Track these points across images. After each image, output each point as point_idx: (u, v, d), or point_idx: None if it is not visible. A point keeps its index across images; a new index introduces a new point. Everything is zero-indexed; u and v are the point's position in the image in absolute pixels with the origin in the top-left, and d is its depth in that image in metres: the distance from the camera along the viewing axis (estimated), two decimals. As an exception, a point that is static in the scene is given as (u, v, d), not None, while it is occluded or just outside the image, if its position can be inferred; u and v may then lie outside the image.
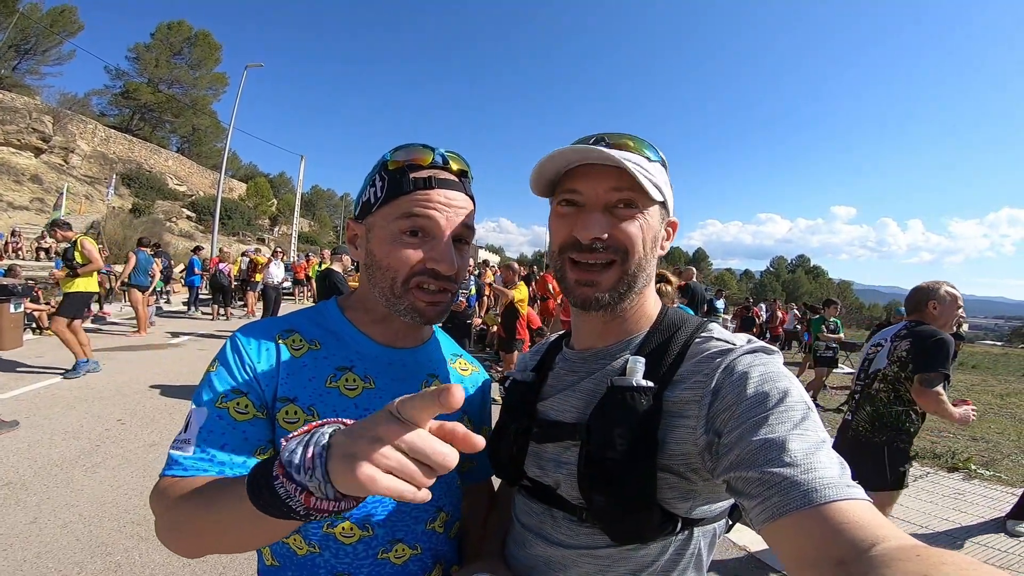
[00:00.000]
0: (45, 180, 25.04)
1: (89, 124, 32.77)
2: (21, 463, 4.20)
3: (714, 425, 0.73)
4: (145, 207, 29.61)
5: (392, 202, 0.91)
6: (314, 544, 0.88)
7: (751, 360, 0.76)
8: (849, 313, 42.37)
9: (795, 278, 78.39)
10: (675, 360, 0.83)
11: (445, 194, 0.92)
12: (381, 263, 0.92)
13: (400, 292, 0.92)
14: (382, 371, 0.97)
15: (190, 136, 44.87)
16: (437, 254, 0.90)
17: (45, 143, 26.12)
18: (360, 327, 1.00)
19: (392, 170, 0.92)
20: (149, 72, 39.33)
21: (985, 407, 9.99)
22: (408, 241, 0.90)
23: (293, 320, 0.99)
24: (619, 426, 0.78)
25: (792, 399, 0.69)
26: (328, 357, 0.94)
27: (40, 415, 5.37)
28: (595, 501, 0.80)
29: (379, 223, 0.93)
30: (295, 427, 0.85)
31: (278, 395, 0.88)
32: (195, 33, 41.63)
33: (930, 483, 5.41)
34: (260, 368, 0.89)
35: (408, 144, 0.95)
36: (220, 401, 0.85)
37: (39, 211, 22.46)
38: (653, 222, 0.88)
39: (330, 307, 1.04)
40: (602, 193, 0.85)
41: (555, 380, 0.99)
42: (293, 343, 0.94)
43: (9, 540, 3.14)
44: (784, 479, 0.60)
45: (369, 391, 0.94)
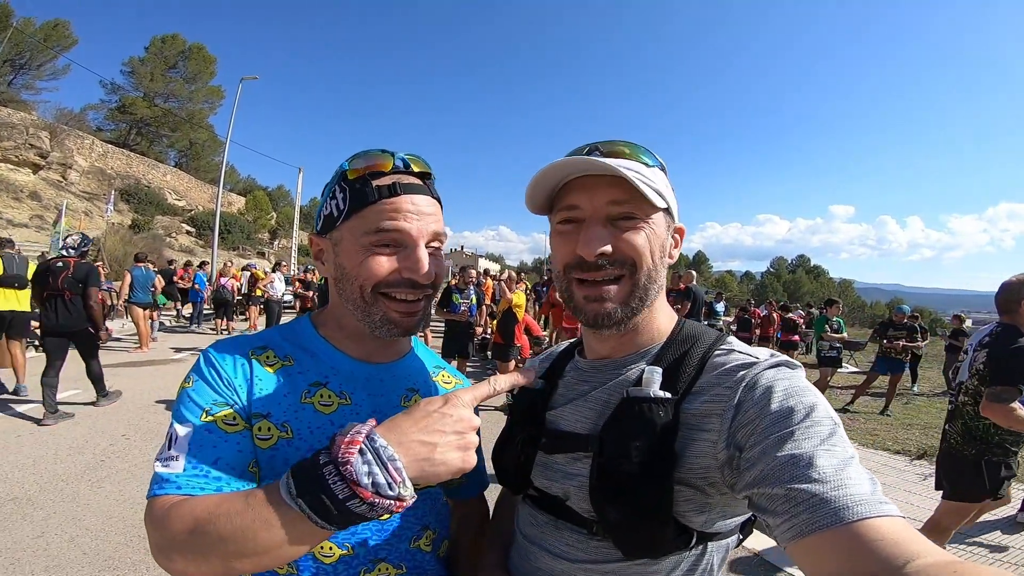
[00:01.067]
0: (44, 197, 25.06)
1: (86, 139, 32.81)
2: (27, 478, 4.19)
3: (735, 439, 0.71)
4: (144, 223, 29.64)
5: (358, 214, 0.88)
6: (293, 564, 0.85)
7: (774, 374, 0.74)
8: (851, 312, 42.40)
9: (796, 278, 78.56)
10: (694, 372, 0.81)
11: (412, 200, 0.89)
12: (351, 274, 0.89)
13: (370, 300, 0.89)
14: (359, 386, 0.95)
15: (187, 150, 44.91)
16: (412, 263, 0.88)
17: (43, 159, 26.16)
18: (334, 343, 0.98)
19: (352, 180, 0.89)
20: (144, 86, 39.37)
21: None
22: (380, 251, 0.88)
23: (266, 337, 0.97)
24: (635, 438, 0.76)
25: (818, 414, 0.67)
26: (302, 373, 0.92)
27: (45, 431, 5.38)
28: (609, 514, 0.77)
29: (346, 236, 0.90)
30: (268, 444, 0.84)
31: (252, 409, 0.86)
32: (189, 46, 41.70)
33: (940, 479, 5.37)
34: (236, 382, 0.87)
35: (366, 151, 0.92)
36: (206, 414, 0.82)
37: (39, 228, 22.47)
38: (659, 230, 0.85)
39: (303, 323, 1.01)
40: (602, 206, 0.83)
41: (566, 389, 0.97)
42: (267, 359, 0.92)
43: (16, 554, 3.13)
44: (813, 496, 0.58)
45: (345, 407, 0.92)
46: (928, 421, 8.10)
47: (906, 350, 8.90)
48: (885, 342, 8.94)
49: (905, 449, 6.38)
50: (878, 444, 6.63)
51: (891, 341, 8.86)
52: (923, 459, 6.02)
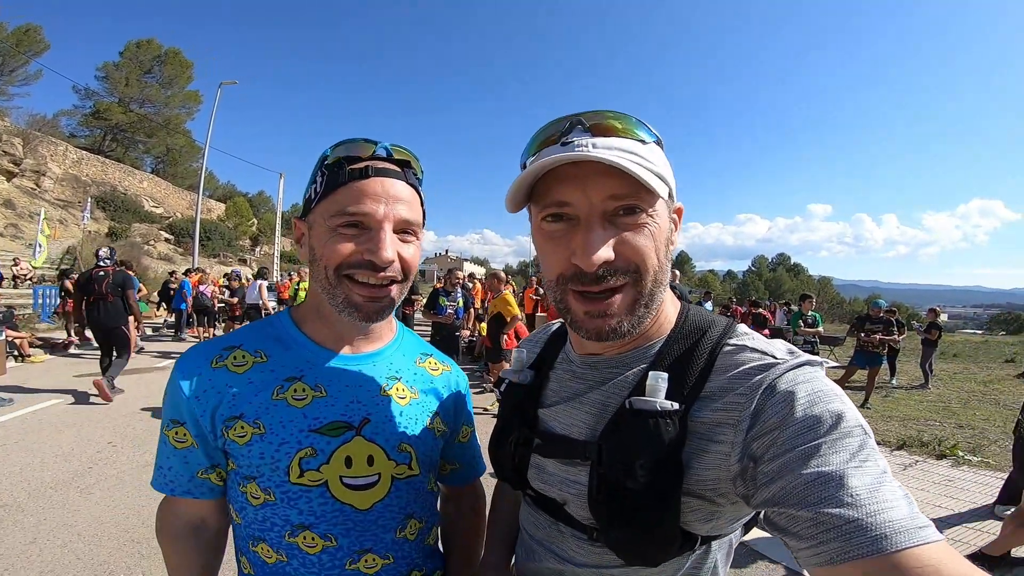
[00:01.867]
0: (18, 205, 24.54)
1: (60, 146, 32.13)
2: (15, 486, 4.15)
3: (750, 450, 0.65)
4: (122, 230, 29.07)
5: (329, 196, 0.88)
6: (281, 552, 0.89)
7: (795, 376, 0.66)
8: (831, 308, 42.96)
9: (777, 276, 79.51)
10: (702, 372, 0.73)
11: (383, 183, 0.88)
12: (318, 256, 0.90)
13: (334, 282, 0.88)
14: (335, 378, 0.95)
15: (164, 156, 44.08)
16: (372, 245, 0.86)
17: (16, 166, 25.61)
18: (311, 335, 0.98)
19: (330, 164, 0.90)
20: (119, 91, 38.56)
21: (969, 394, 10.23)
22: (344, 233, 0.87)
23: (239, 334, 0.98)
24: (639, 454, 0.68)
25: (847, 424, 0.60)
26: (275, 369, 0.93)
27: (30, 439, 5.30)
28: (611, 529, 0.73)
29: (318, 219, 0.90)
30: (244, 440, 0.88)
31: (223, 415, 0.89)
32: (165, 51, 40.86)
33: (920, 471, 5.53)
34: (194, 395, 0.89)
35: (350, 139, 0.91)
36: (165, 428, 0.93)
37: (14, 237, 22.03)
38: (663, 222, 0.74)
39: (281, 316, 1.02)
40: (599, 202, 0.70)
41: (558, 384, 0.90)
42: (235, 359, 0.93)
43: (10, 560, 3.12)
44: (846, 522, 0.53)
45: (319, 400, 0.92)
46: (907, 413, 8.30)
47: (883, 344, 9.07)
48: (863, 336, 9.09)
49: (885, 440, 6.53)
50: (859, 436, 6.75)
51: (868, 335, 9.02)
52: (902, 450, 6.19)
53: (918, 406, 9.02)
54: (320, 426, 0.90)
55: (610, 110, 0.74)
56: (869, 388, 8.92)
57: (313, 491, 0.88)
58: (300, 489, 0.88)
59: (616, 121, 0.73)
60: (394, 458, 0.95)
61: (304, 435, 0.89)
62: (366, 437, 0.92)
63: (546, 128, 0.77)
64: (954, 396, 10.12)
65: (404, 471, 0.96)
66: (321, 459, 0.89)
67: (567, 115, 0.75)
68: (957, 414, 8.34)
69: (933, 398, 9.87)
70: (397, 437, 0.96)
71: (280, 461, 0.87)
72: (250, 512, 0.91)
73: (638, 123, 0.74)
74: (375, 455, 0.93)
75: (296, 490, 0.88)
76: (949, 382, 11.87)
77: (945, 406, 9.04)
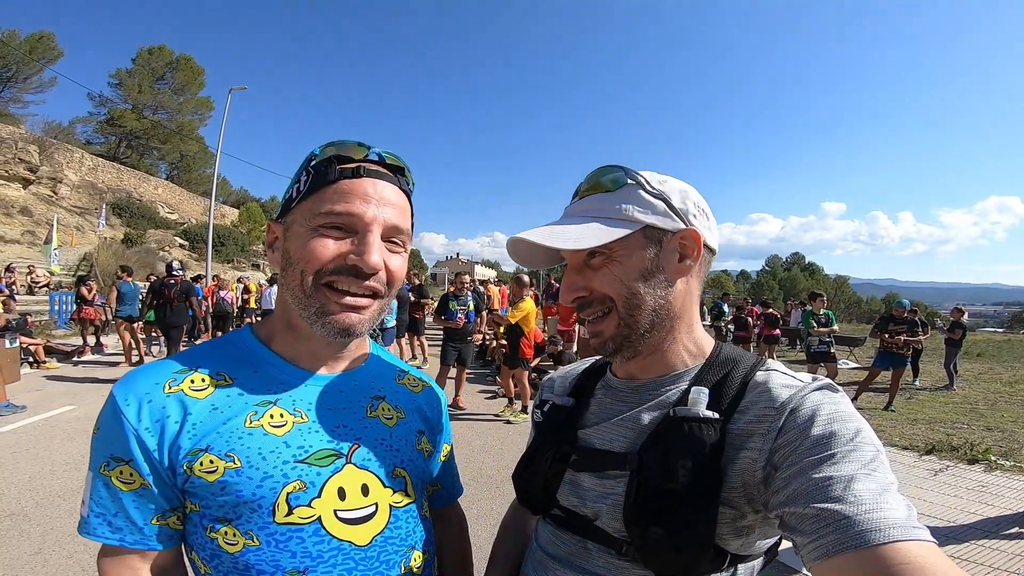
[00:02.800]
0: (35, 212, 24.82)
1: (76, 153, 32.50)
2: (23, 495, 4.12)
3: (773, 459, 0.70)
4: (137, 237, 29.35)
5: (313, 195, 0.80)
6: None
7: (819, 398, 0.73)
8: (848, 308, 42.48)
9: (791, 276, 78.56)
10: (737, 393, 0.79)
11: (375, 184, 0.81)
12: (294, 259, 0.81)
13: (310, 291, 0.79)
14: (315, 401, 0.85)
15: (178, 163, 44.63)
16: (359, 248, 0.78)
17: (33, 173, 25.87)
18: (282, 352, 0.87)
19: (318, 164, 0.82)
20: (133, 98, 39.00)
21: (996, 395, 9.99)
22: (327, 234, 0.79)
23: (195, 356, 0.85)
24: (682, 457, 0.74)
25: (862, 439, 0.66)
26: (243, 393, 0.81)
27: (40, 447, 5.29)
28: (649, 534, 0.74)
29: (298, 219, 0.82)
30: (214, 476, 0.75)
31: (183, 448, 0.75)
32: (176, 57, 41.31)
33: (952, 476, 5.34)
34: (145, 425, 0.75)
35: (341, 140, 0.84)
36: (103, 468, 0.76)
37: (31, 244, 22.27)
38: (635, 258, 0.82)
39: (242, 334, 0.90)
40: (569, 256, 0.87)
41: (599, 408, 0.94)
42: (192, 383, 0.79)
43: (15, 570, 3.08)
44: (844, 517, 0.57)
45: (301, 426, 0.81)
46: (933, 415, 8.09)
47: (907, 345, 8.87)
48: (886, 337, 8.90)
49: (913, 444, 6.35)
50: (884, 440, 6.56)
51: (892, 336, 8.83)
52: (931, 454, 5.98)
53: (944, 408, 8.80)
54: (307, 455, 0.80)
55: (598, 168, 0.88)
56: (893, 390, 8.73)
57: (305, 529, 0.77)
58: (290, 529, 0.76)
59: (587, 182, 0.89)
60: (389, 485, 0.87)
61: (290, 467, 0.78)
62: (357, 464, 0.84)
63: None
64: (980, 397, 9.88)
65: (401, 498, 0.88)
66: (312, 493, 0.78)
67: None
68: (985, 416, 8.13)
69: (959, 399, 9.64)
70: (390, 462, 0.88)
71: (264, 498, 0.76)
72: (226, 561, 0.77)
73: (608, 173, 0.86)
74: (369, 483, 0.84)
75: (285, 531, 0.76)
76: (974, 383, 11.60)
77: (972, 408, 8.82)
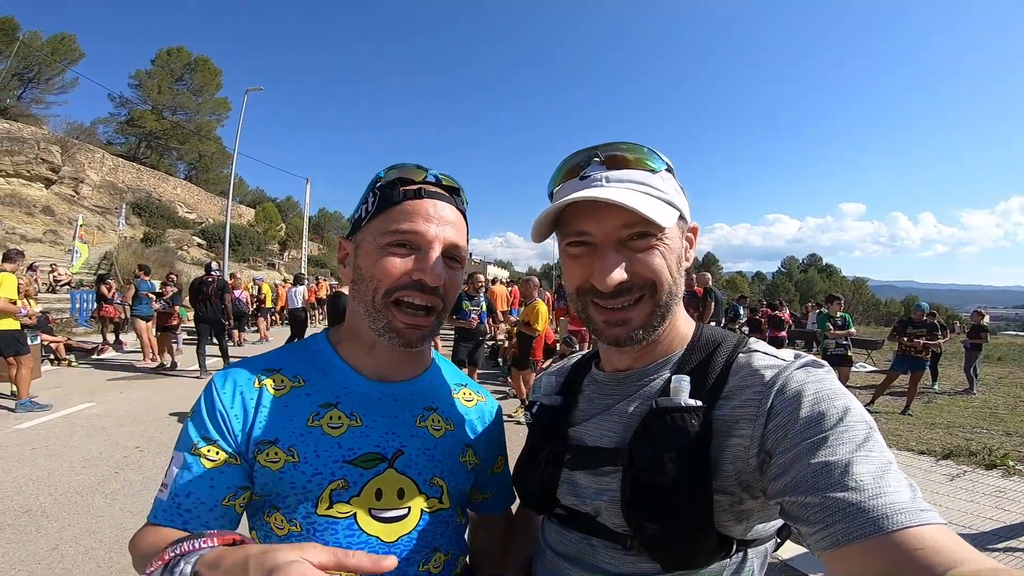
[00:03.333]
0: (57, 211, 25.27)
1: (97, 153, 33.07)
2: (41, 491, 4.19)
3: (765, 445, 0.69)
4: (156, 236, 29.81)
5: (380, 215, 0.89)
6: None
7: (804, 376, 0.72)
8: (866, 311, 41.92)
9: (808, 278, 77.60)
10: (719, 376, 0.79)
11: (434, 204, 0.89)
12: (365, 276, 0.89)
13: (380, 306, 0.88)
14: (371, 407, 0.93)
15: (196, 163, 45.25)
16: (424, 265, 0.86)
17: (55, 173, 26.32)
18: (349, 360, 0.96)
19: (383, 185, 0.91)
20: (152, 99, 39.65)
21: (1016, 400, 9.79)
22: (395, 251, 0.87)
23: (277, 357, 0.96)
24: (668, 449, 0.73)
25: (852, 418, 0.65)
26: (311, 394, 0.91)
27: (60, 443, 5.38)
28: (647, 529, 0.74)
29: (367, 238, 0.90)
30: (276, 467, 0.85)
31: (256, 438, 0.86)
32: (195, 59, 41.97)
33: (969, 482, 5.24)
34: (232, 413, 0.87)
35: (402, 163, 0.93)
36: (193, 448, 0.85)
37: (53, 243, 22.68)
38: (674, 244, 0.82)
39: (319, 340, 1.01)
40: (612, 230, 0.78)
41: (587, 404, 0.94)
42: (275, 382, 0.91)
43: (31, 567, 3.12)
44: (849, 504, 0.57)
45: (355, 429, 0.90)
46: (951, 420, 7.95)
47: (926, 348, 8.74)
48: (905, 340, 8.78)
49: (930, 449, 6.24)
50: (901, 444, 6.48)
51: (911, 339, 8.70)
52: (949, 459, 5.89)
53: (963, 412, 8.65)
54: (354, 457, 0.88)
55: (624, 142, 0.83)
56: (911, 394, 8.60)
57: (340, 523, 0.86)
58: (327, 521, 0.85)
59: (628, 153, 0.81)
60: (425, 491, 0.93)
61: (338, 466, 0.87)
62: (398, 470, 0.91)
63: (567, 160, 0.86)
64: (1001, 402, 9.69)
65: (435, 505, 0.94)
66: (352, 492, 0.87)
67: (586, 148, 0.85)
68: (1005, 421, 7.97)
69: (979, 404, 9.47)
70: (430, 470, 0.94)
71: (311, 492, 0.85)
72: (274, 541, 0.86)
73: (650, 152, 0.82)
74: (406, 488, 0.91)
75: (323, 522, 0.85)
76: (995, 387, 11.39)
77: (992, 412, 8.66)
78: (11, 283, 6.48)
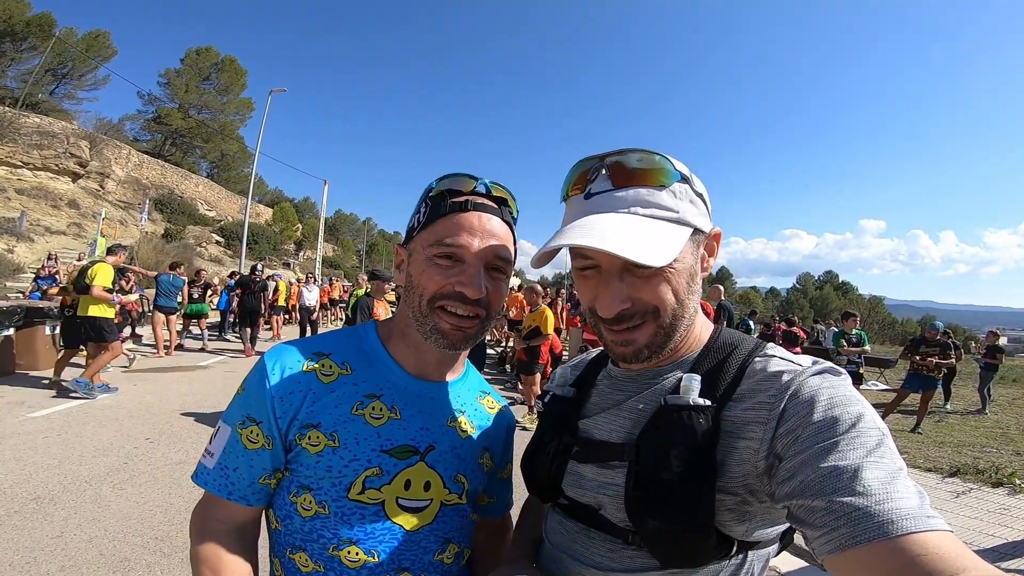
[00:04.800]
0: (82, 205, 25.79)
1: (123, 149, 33.71)
2: (51, 479, 4.27)
3: (775, 448, 0.69)
4: (177, 232, 30.25)
5: (430, 226, 0.93)
6: (320, 563, 0.89)
7: (819, 382, 0.71)
8: (882, 329, 41.28)
9: (823, 295, 76.59)
10: (733, 379, 0.79)
11: (480, 217, 0.93)
12: (415, 284, 0.94)
13: (426, 311, 0.92)
14: (410, 402, 0.97)
15: (219, 161, 46.00)
16: (466, 278, 0.90)
17: (82, 168, 26.86)
18: (395, 355, 1.01)
19: (434, 196, 0.95)
20: (179, 97, 40.40)
21: (1029, 422, 9.64)
22: (440, 263, 0.91)
23: (328, 342, 1.00)
24: (674, 447, 0.73)
25: (865, 424, 0.64)
26: (358, 384, 0.95)
27: (72, 432, 5.49)
28: (648, 525, 0.74)
29: (418, 247, 0.95)
30: (316, 450, 0.89)
31: (300, 421, 0.90)
32: (222, 59, 42.73)
33: (974, 499, 5.20)
34: (281, 394, 0.91)
35: (454, 173, 0.97)
36: (239, 426, 0.92)
37: (76, 236, 23.10)
38: (683, 265, 0.79)
39: (368, 330, 1.05)
40: (616, 259, 0.75)
41: (599, 398, 0.95)
42: (323, 367, 0.95)
43: (35, 553, 3.18)
44: (856, 509, 0.56)
45: (394, 421, 0.94)
46: (961, 439, 7.85)
47: (938, 367, 8.64)
48: (917, 359, 8.70)
49: (937, 467, 6.18)
50: (909, 462, 6.38)
51: (923, 358, 8.62)
52: (955, 477, 5.83)
53: (974, 432, 8.54)
54: (391, 447, 0.93)
55: (636, 150, 0.79)
56: (922, 413, 8.51)
57: (369, 508, 0.91)
58: (356, 505, 0.90)
59: (638, 163, 0.78)
60: (448, 487, 0.98)
61: (375, 454, 0.91)
62: (428, 464, 0.96)
63: (577, 167, 0.85)
64: (1013, 422, 9.55)
65: (453, 500, 0.99)
66: (384, 479, 0.91)
67: (597, 155, 0.82)
68: (1015, 441, 7.85)
69: (990, 424, 9.33)
70: (455, 468, 0.99)
71: (346, 477, 0.89)
72: (296, 522, 0.91)
73: (662, 161, 0.79)
74: (433, 482, 0.96)
75: (352, 506, 0.90)
76: (1008, 408, 11.20)
77: (1003, 432, 8.53)
78: (107, 273, 6.97)
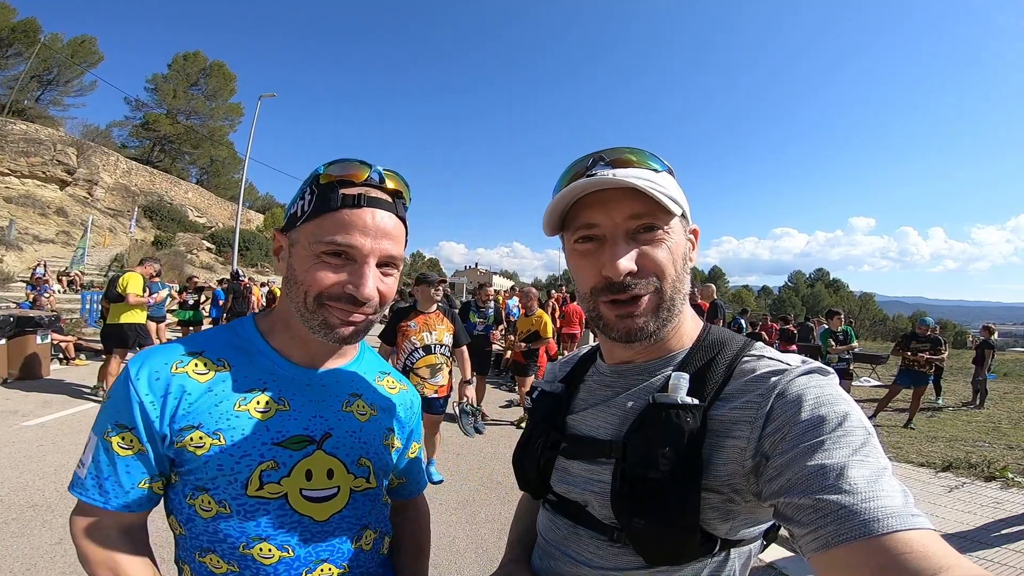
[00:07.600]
0: (70, 213, 25.50)
1: (111, 156, 33.32)
2: (47, 486, 4.25)
3: (762, 448, 0.70)
4: (166, 239, 29.99)
5: (317, 218, 0.88)
6: (233, 563, 0.87)
7: (806, 382, 0.72)
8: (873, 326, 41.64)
9: (815, 292, 77.12)
10: (722, 378, 0.79)
11: (374, 214, 0.88)
12: (298, 279, 0.89)
13: (312, 307, 0.89)
14: (298, 392, 0.95)
15: (208, 167, 45.61)
16: (356, 280, 0.87)
17: (70, 175, 26.52)
18: (278, 346, 0.97)
19: (323, 184, 0.89)
20: (167, 103, 40.04)
21: (1020, 415, 9.74)
22: (328, 261, 0.87)
23: (200, 341, 0.95)
24: (662, 445, 0.74)
25: (851, 423, 0.65)
26: (237, 380, 0.91)
27: (66, 441, 5.45)
28: (633, 523, 0.75)
29: (302, 239, 0.90)
30: (201, 451, 0.85)
31: (177, 424, 0.86)
32: (210, 64, 42.37)
33: (967, 493, 5.24)
34: (149, 400, 0.86)
35: (345, 159, 0.92)
36: (106, 434, 0.86)
37: (65, 244, 22.91)
38: (679, 238, 0.84)
39: (246, 324, 1.00)
40: (621, 221, 0.80)
41: (587, 394, 0.96)
42: (196, 367, 0.90)
43: (33, 560, 3.17)
44: (841, 507, 0.57)
45: (283, 413, 0.91)
46: (953, 434, 7.92)
47: (930, 363, 8.73)
48: (908, 354, 8.78)
49: (929, 462, 6.22)
50: (901, 457, 6.47)
51: (915, 354, 8.70)
52: (948, 471, 5.88)
53: (966, 427, 8.62)
54: (283, 439, 0.90)
55: (626, 147, 0.84)
56: (914, 408, 8.58)
57: (272, 503, 0.88)
58: (258, 501, 0.88)
59: (632, 155, 0.83)
60: (353, 472, 0.97)
61: (267, 448, 0.89)
62: (327, 451, 0.94)
63: (573, 164, 0.87)
64: (1004, 416, 9.63)
65: (362, 484, 0.98)
66: (282, 472, 0.89)
67: (590, 153, 0.86)
68: (1007, 435, 7.92)
69: (982, 418, 9.42)
70: (357, 452, 0.98)
71: (240, 473, 0.87)
72: (199, 524, 0.88)
73: (650, 155, 0.85)
74: (335, 469, 0.95)
75: (253, 503, 0.88)
76: (999, 402, 11.31)
77: (995, 426, 8.61)
78: (138, 280, 7.28)
